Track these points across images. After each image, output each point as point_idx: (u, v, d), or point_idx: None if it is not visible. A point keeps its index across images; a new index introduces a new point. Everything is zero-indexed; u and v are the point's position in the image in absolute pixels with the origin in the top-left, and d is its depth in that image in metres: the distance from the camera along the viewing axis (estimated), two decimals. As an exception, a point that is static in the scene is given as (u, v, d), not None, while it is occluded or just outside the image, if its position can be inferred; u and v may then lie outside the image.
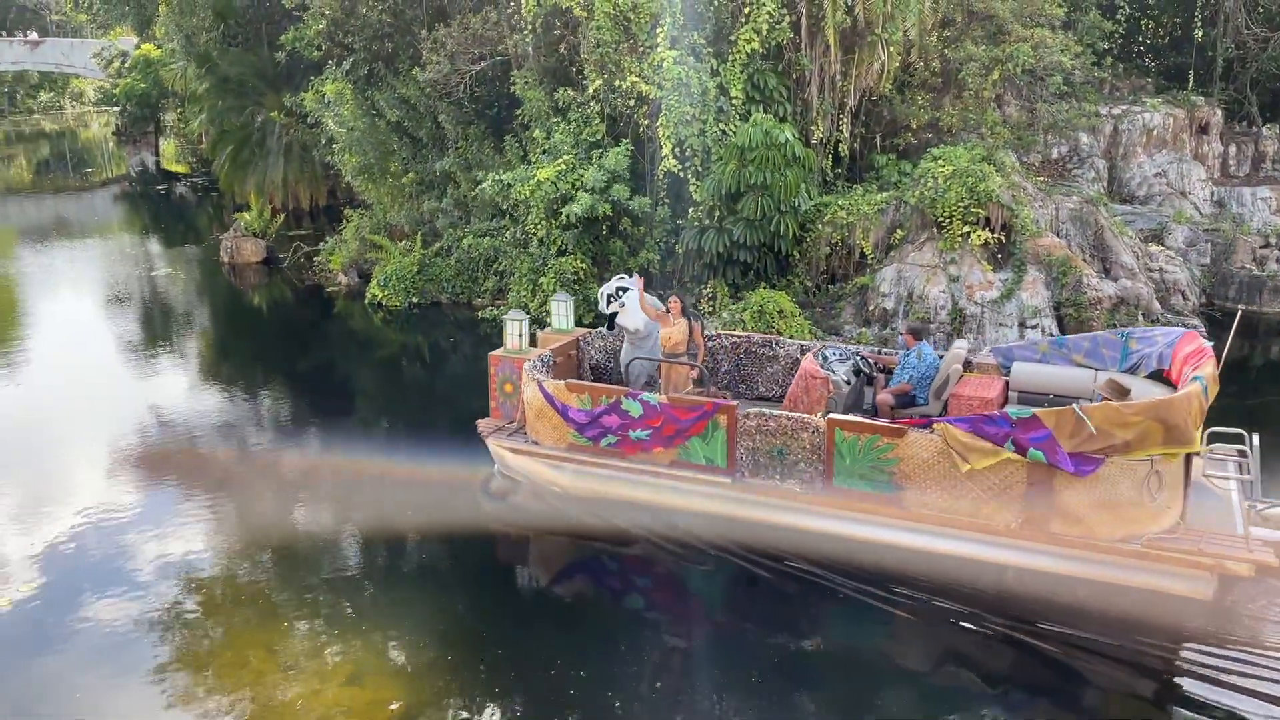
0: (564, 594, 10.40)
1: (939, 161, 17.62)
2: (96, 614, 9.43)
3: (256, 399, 16.08)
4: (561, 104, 19.87)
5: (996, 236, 17.01)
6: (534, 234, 19.04)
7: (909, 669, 8.82)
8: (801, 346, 12.70)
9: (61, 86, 76.17)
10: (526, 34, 20.02)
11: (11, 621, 9.33)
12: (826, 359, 11.43)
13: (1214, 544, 9.09)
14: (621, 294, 12.53)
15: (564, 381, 11.36)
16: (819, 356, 11.44)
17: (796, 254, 17.95)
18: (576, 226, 18.42)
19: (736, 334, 13.23)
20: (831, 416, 10.20)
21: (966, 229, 16.90)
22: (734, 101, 18.27)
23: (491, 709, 8.15)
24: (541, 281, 18.59)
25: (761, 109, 18.25)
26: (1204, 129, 22.95)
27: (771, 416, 10.37)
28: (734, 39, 18.28)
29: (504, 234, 20.15)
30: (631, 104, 18.83)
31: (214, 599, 9.76)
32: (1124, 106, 22.59)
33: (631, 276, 13.06)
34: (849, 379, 11.24)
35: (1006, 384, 11.03)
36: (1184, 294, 18.47)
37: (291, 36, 25.21)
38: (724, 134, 18.15)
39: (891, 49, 18.96)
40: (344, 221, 24.36)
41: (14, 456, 13.41)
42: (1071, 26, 22.37)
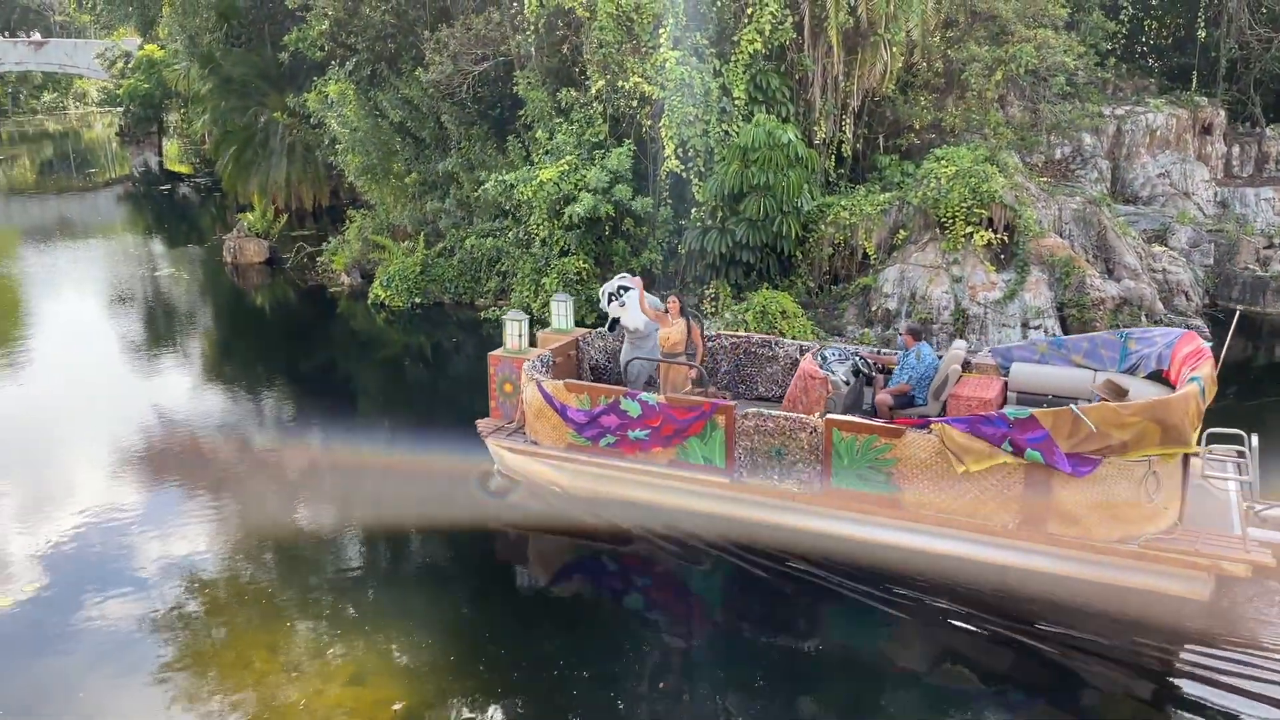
0: (565, 594, 10.40)
1: (942, 162, 17.60)
2: (99, 614, 9.44)
3: (259, 399, 16.10)
4: (564, 104, 19.88)
5: (999, 237, 17.00)
6: (536, 234, 19.04)
7: (906, 669, 8.81)
8: (801, 347, 12.68)
9: (65, 87, 76.34)
10: (529, 34, 20.04)
11: (15, 621, 9.35)
12: (825, 359, 11.42)
13: (1211, 545, 9.07)
14: (623, 293, 12.50)
15: (563, 381, 11.36)
16: (818, 357, 11.43)
17: (799, 255, 17.95)
18: (579, 227, 18.43)
19: (736, 334, 13.21)
20: (829, 417, 10.19)
21: (969, 229, 16.89)
22: (737, 102, 18.27)
23: (494, 709, 8.16)
24: (544, 282, 18.59)
25: (764, 109, 18.25)
26: (1207, 129, 22.93)
27: (769, 417, 10.37)
28: (737, 39, 18.28)
29: (507, 234, 20.16)
30: (634, 104, 18.83)
31: (216, 599, 9.77)
32: (1127, 107, 22.57)
33: (633, 276, 13.04)
34: (848, 379, 11.23)
35: (1005, 384, 11.02)
36: (1187, 295, 18.44)
37: (295, 37, 25.25)
38: (726, 134, 18.15)
39: (894, 49, 18.96)
40: (347, 222, 24.40)
41: (17, 456, 13.45)
42: (1074, 27, 22.35)
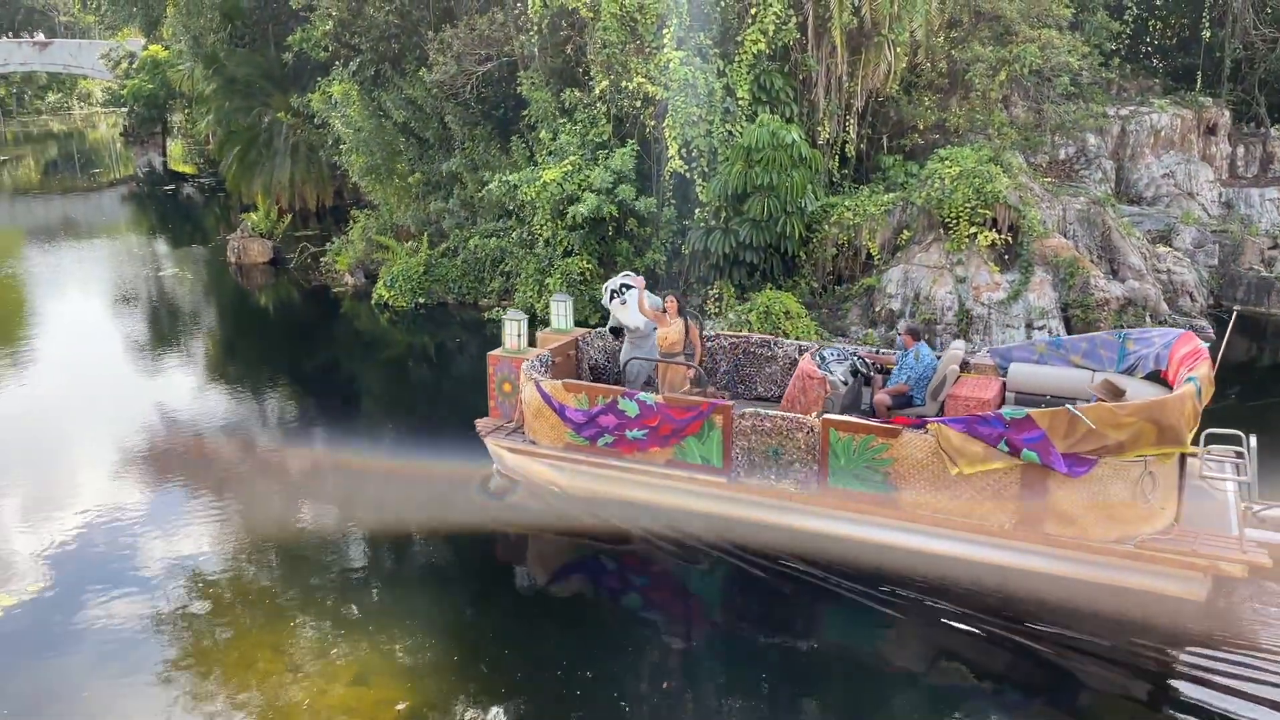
0: (567, 594, 10.39)
1: (946, 162, 17.58)
2: (103, 613, 9.45)
3: (263, 399, 16.11)
4: (568, 105, 19.88)
5: (1003, 237, 16.98)
6: (540, 235, 19.05)
7: (902, 669, 8.81)
8: (800, 347, 12.68)
9: (69, 87, 76.55)
10: (533, 35, 20.05)
11: (19, 621, 9.36)
12: (824, 359, 11.43)
13: (1208, 545, 9.06)
14: (625, 291, 12.59)
15: (561, 381, 11.37)
16: (816, 357, 11.44)
17: (803, 255, 17.94)
18: (582, 227, 18.43)
19: (735, 334, 13.21)
20: (826, 416, 10.18)
21: (973, 230, 16.87)
22: (740, 102, 18.26)
23: (497, 709, 8.15)
24: (548, 282, 18.58)
25: (768, 110, 18.23)
26: (1212, 130, 22.89)
27: (766, 416, 10.36)
28: (740, 40, 18.27)
29: (510, 235, 20.17)
30: (638, 105, 18.83)
31: (220, 599, 9.78)
32: (1131, 107, 22.53)
33: (637, 276, 13.07)
34: (846, 379, 11.25)
35: (1004, 385, 11.03)
36: (1192, 295, 18.41)
37: (299, 37, 25.27)
38: (730, 135, 18.14)
39: (898, 50, 18.95)
40: (350, 222, 24.43)
41: (22, 455, 13.47)
42: (1079, 27, 22.33)
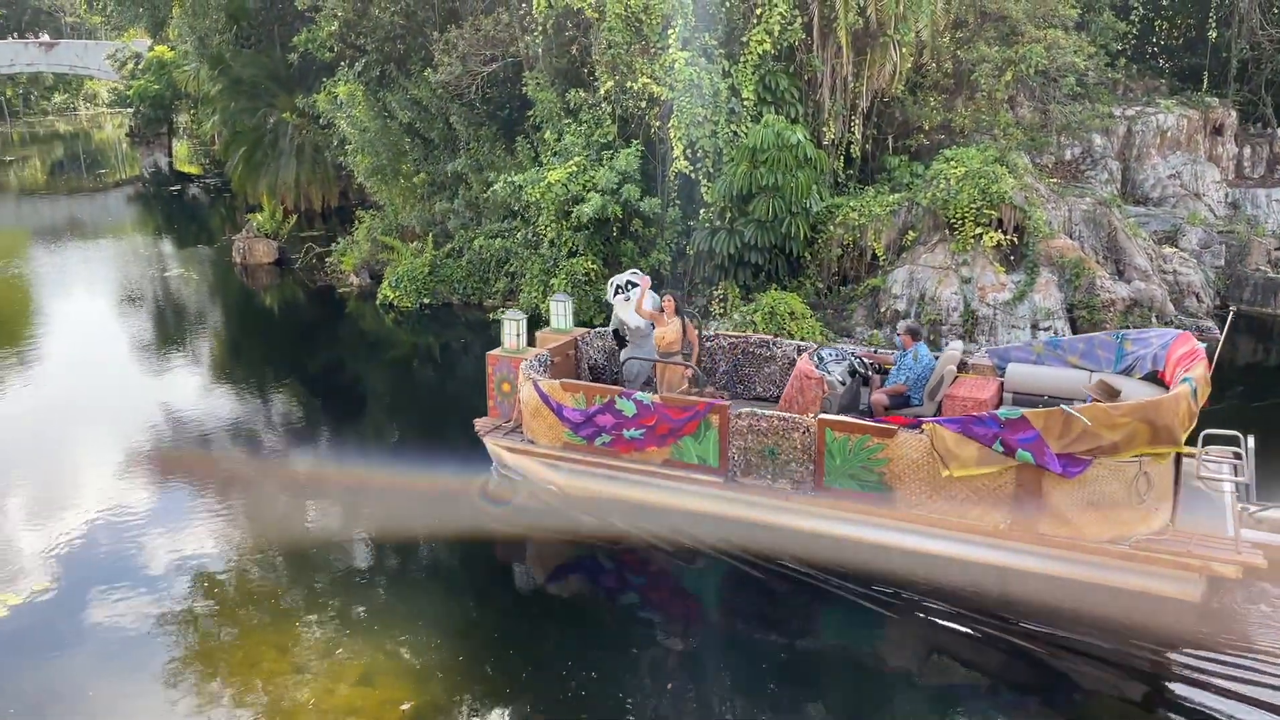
0: (569, 594, 10.39)
1: (951, 163, 17.56)
2: (108, 613, 9.47)
3: (268, 399, 16.13)
4: (573, 105, 19.87)
5: (1009, 238, 16.95)
6: (545, 235, 19.05)
7: (897, 668, 8.81)
8: (798, 347, 12.69)
9: (75, 88, 76.72)
10: (538, 35, 20.04)
11: (25, 620, 9.37)
12: (822, 359, 11.44)
13: (1202, 546, 9.05)
14: (630, 288, 12.70)
15: (559, 381, 11.39)
16: (814, 357, 11.46)
17: (808, 255, 17.93)
18: (587, 228, 18.43)
19: (734, 334, 13.22)
20: (822, 417, 10.18)
21: (979, 231, 16.85)
22: (745, 103, 18.25)
23: (502, 709, 8.16)
24: (553, 283, 18.58)
25: (773, 110, 18.21)
26: (1218, 130, 22.82)
27: (763, 416, 10.37)
28: (745, 40, 18.26)
29: (515, 235, 20.17)
30: (643, 105, 18.82)
31: (225, 599, 9.79)
32: (1138, 108, 22.48)
33: (643, 275, 13.15)
34: (844, 379, 11.26)
35: (1001, 385, 11.03)
36: (1198, 296, 18.37)
37: (304, 38, 25.30)
38: (735, 135, 18.13)
39: (904, 50, 18.92)
40: (356, 223, 24.45)
41: (28, 455, 13.49)
42: (1085, 27, 22.27)
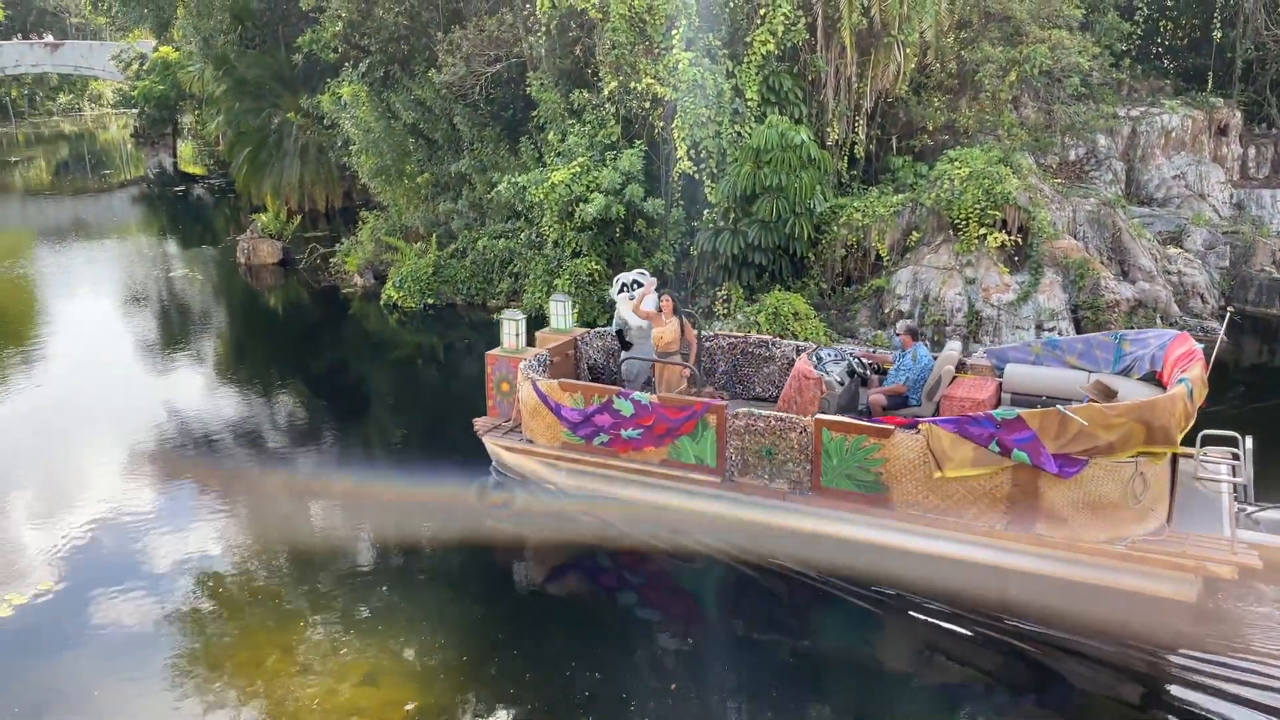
0: (571, 594, 10.39)
1: (955, 163, 17.55)
2: (113, 612, 9.49)
3: (272, 400, 16.15)
4: (577, 106, 19.89)
5: (1013, 239, 16.93)
6: (549, 236, 19.06)
7: (893, 668, 8.81)
8: (797, 347, 12.70)
9: (80, 89, 76.89)
10: (541, 36, 20.06)
11: (29, 619, 9.39)
12: (820, 360, 11.46)
13: (1198, 546, 9.04)
14: (635, 288, 12.78)
15: (557, 381, 11.41)
16: (813, 357, 11.48)
17: (812, 256, 17.91)
18: (591, 228, 18.43)
19: (733, 334, 13.25)
20: (819, 417, 10.18)
21: (983, 231, 16.83)
22: (749, 103, 18.24)
23: (506, 709, 8.15)
24: (556, 283, 18.58)
25: (777, 111, 18.22)
26: (1223, 131, 22.78)
27: (760, 416, 10.37)
28: (749, 40, 18.26)
29: (519, 236, 20.19)
30: (646, 106, 18.83)
31: (229, 599, 9.80)
32: (1142, 108, 22.45)
33: (650, 277, 13.23)
34: (842, 380, 11.28)
35: (999, 385, 11.03)
36: (1203, 297, 18.34)
37: (308, 39, 25.36)
38: (739, 136, 18.13)
39: (908, 50, 18.91)
40: (360, 223, 24.47)
41: (32, 455, 13.51)
42: (1089, 28, 22.26)
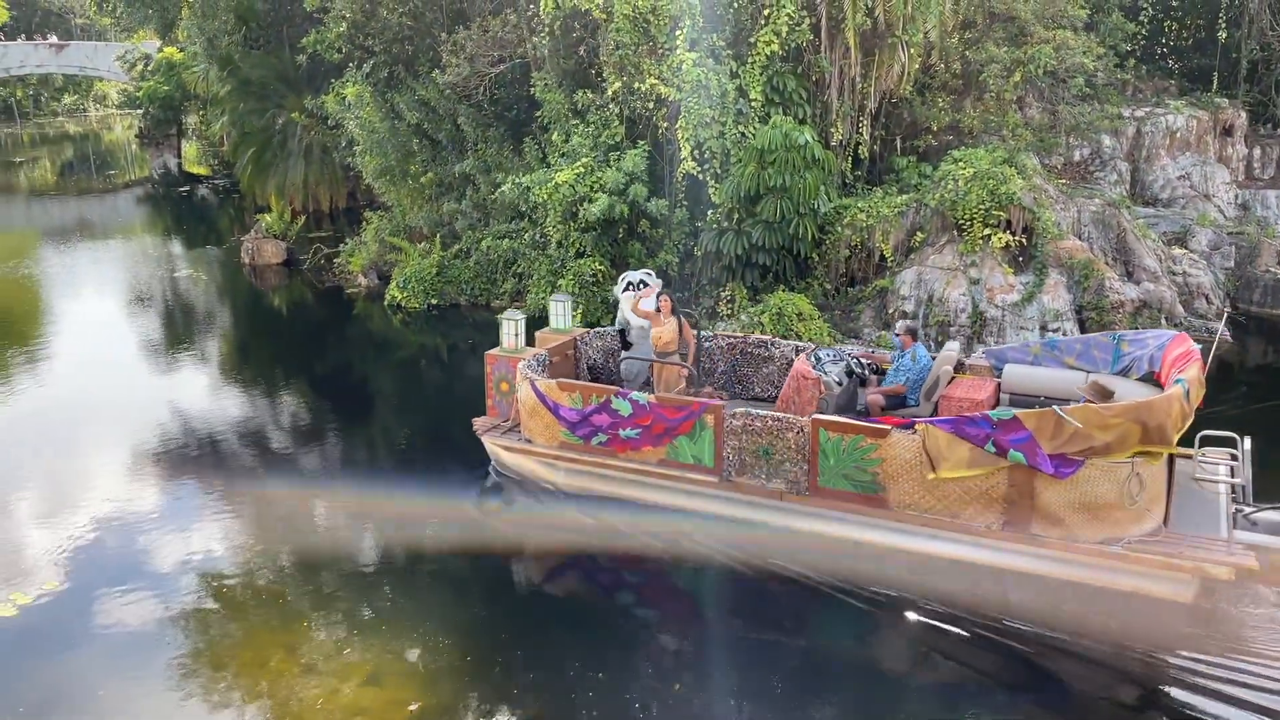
0: (573, 594, 10.39)
1: (959, 164, 17.52)
2: (118, 612, 9.50)
3: (277, 400, 16.16)
4: (581, 106, 19.89)
5: (1018, 239, 16.90)
6: (552, 236, 19.06)
7: (890, 668, 8.80)
8: (796, 348, 12.71)
9: (85, 89, 77.10)
10: (545, 36, 20.07)
11: (34, 619, 9.41)
12: (819, 360, 11.46)
13: (1195, 547, 9.03)
14: (640, 287, 12.86)
15: (556, 380, 11.41)
16: (812, 357, 11.48)
17: (815, 256, 17.90)
18: (595, 229, 18.43)
19: (732, 334, 13.26)
20: (816, 417, 10.18)
21: (987, 232, 16.81)
22: (753, 103, 18.24)
23: (509, 709, 8.15)
24: (560, 283, 18.59)
25: (781, 111, 18.21)
26: (1228, 131, 22.74)
27: (757, 416, 10.37)
28: (753, 41, 18.26)
29: (523, 236, 20.19)
30: (650, 106, 18.83)
31: (234, 599, 9.81)
32: (1147, 109, 22.42)
33: (656, 278, 13.23)
34: (841, 380, 11.28)
35: (998, 386, 11.02)
36: (1207, 298, 18.30)
37: (312, 39, 25.38)
38: (743, 136, 18.13)
39: (912, 51, 18.89)
40: (364, 223, 24.50)
41: (36, 454, 13.54)
42: (1094, 28, 22.23)
